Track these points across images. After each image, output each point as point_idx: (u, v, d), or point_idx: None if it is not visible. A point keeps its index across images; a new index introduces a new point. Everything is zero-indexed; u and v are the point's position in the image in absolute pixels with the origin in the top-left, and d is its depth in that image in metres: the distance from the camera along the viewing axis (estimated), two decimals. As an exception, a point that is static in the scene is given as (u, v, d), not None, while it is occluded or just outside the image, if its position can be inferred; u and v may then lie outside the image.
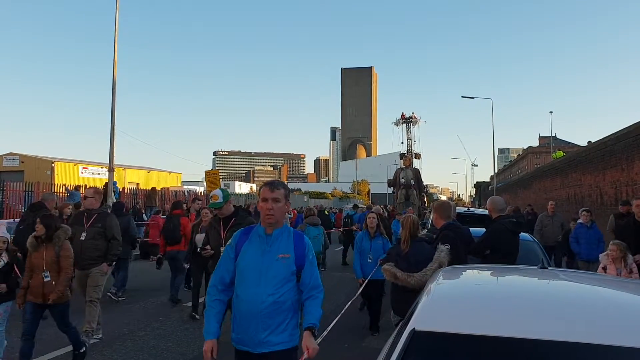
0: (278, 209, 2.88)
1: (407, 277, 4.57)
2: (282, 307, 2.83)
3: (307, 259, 2.92)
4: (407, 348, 1.90)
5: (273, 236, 2.90)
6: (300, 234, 3.02)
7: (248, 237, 2.96)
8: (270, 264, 2.83)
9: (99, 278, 6.28)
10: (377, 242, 7.20)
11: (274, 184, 2.95)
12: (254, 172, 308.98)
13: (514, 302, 2.32)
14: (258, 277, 2.82)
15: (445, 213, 5.24)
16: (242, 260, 2.89)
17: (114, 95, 17.83)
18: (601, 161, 16.65)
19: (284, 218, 2.96)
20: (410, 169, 50.51)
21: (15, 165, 43.81)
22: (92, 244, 6.23)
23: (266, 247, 2.87)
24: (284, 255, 2.86)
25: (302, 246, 2.93)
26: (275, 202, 2.87)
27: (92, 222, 6.31)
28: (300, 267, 2.88)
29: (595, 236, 9.21)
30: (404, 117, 57.41)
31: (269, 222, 2.87)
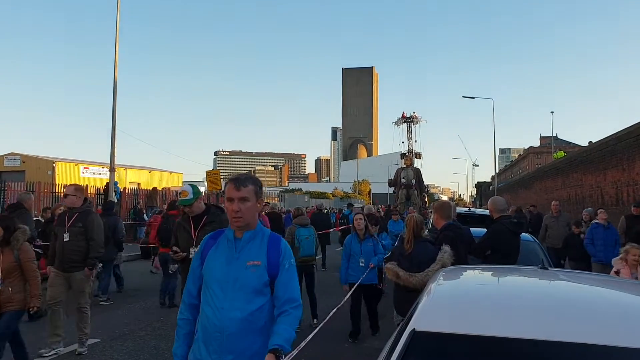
0: (247, 210, 2.44)
1: (409, 276, 4.57)
2: (253, 327, 2.37)
3: (283, 267, 2.47)
4: (407, 348, 1.90)
5: (243, 240, 2.47)
6: (277, 238, 2.57)
7: (216, 242, 2.55)
8: (238, 274, 2.40)
9: (84, 284, 5.97)
10: (368, 244, 6.84)
11: (239, 180, 2.49)
12: (255, 172, 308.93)
13: (514, 302, 2.32)
14: (223, 289, 2.40)
15: (446, 213, 5.24)
16: (207, 270, 2.49)
17: (115, 96, 17.84)
18: (602, 161, 16.65)
19: (255, 219, 2.53)
20: (411, 168, 50.47)
21: (16, 165, 43.85)
22: (74, 245, 5.85)
23: (234, 254, 2.46)
24: (254, 262, 2.43)
25: (276, 252, 2.49)
26: (242, 201, 2.44)
27: (72, 222, 5.90)
28: (273, 276, 2.44)
29: (612, 237, 8.82)
30: (404, 117, 57.47)
31: (237, 226, 2.46)
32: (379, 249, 6.92)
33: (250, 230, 2.50)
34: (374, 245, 6.86)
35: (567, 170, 22.13)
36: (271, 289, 2.44)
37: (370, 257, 6.71)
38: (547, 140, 77.05)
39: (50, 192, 19.60)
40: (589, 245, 8.87)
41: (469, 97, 34.97)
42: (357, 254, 6.76)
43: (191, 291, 2.59)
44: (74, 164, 45.41)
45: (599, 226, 8.90)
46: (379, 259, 6.74)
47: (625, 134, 14.57)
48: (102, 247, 6.12)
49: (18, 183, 20.25)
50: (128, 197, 22.45)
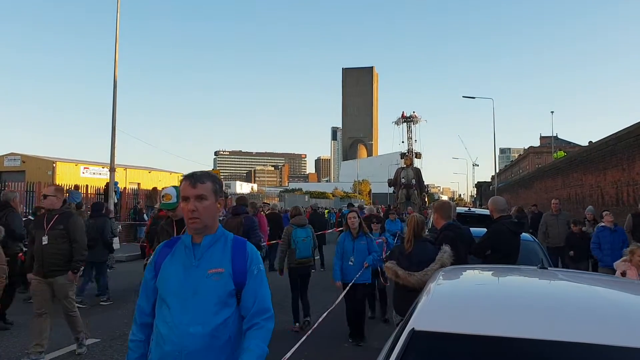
0: (205, 209, 2.17)
1: (407, 275, 4.57)
2: (216, 344, 2.09)
3: (251, 273, 2.20)
4: (406, 348, 1.90)
5: (202, 246, 2.19)
6: (242, 242, 2.30)
7: (172, 250, 2.26)
8: (198, 283, 2.12)
9: (67, 289, 5.70)
10: (361, 242, 6.68)
11: (195, 176, 2.21)
12: (255, 172, 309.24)
13: (514, 302, 2.32)
14: (181, 302, 2.11)
15: (446, 213, 5.25)
16: (162, 281, 2.19)
17: (115, 95, 17.86)
18: (602, 161, 16.66)
19: (216, 220, 2.26)
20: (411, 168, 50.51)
21: (16, 165, 43.85)
22: (55, 248, 5.56)
23: (192, 261, 2.17)
24: (217, 270, 2.15)
25: (242, 256, 2.22)
26: (199, 200, 2.17)
27: (52, 224, 5.59)
28: (240, 285, 2.17)
29: (619, 240, 8.34)
30: (404, 116, 57.51)
31: (194, 228, 2.17)
32: (374, 247, 6.79)
33: (210, 233, 2.22)
34: (368, 243, 6.72)
35: (567, 170, 22.14)
36: (237, 299, 2.18)
37: (362, 256, 6.59)
38: (547, 140, 77.14)
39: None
40: (596, 249, 8.50)
41: (469, 97, 35.04)
42: (348, 253, 6.64)
43: (144, 308, 2.27)
44: (74, 164, 45.41)
45: (605, 229, 8.50)
46: (373, 258, 6.65)
47: (626, 134, 14.58)
48: (85, 249, 5.86)
49: (18, 183, 20.25)
50: (128, 197, 22.48)
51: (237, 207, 7.20)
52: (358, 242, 6.67)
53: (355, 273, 6.48)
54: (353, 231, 6.73)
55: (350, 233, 6.76)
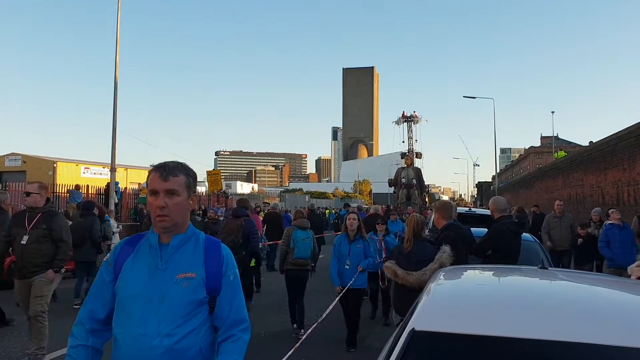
0: (175, 207, 1.91)
1: (406, 275, 4.59)
2: (186, 356, 1.87)
3: (226, 279, 1.97)
4: (406, 348, 1.90)
5: (171, 246, 1.94)
6: (216, 243, 2.06)
7: (134, 249, 2.00)
8: (165, 289, 1.87)
9: (43, 288, 5.31)
10: (357, 246, 6.46)
11: (167, 167, 1.94)
12: (255, 172, 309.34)
13: (514, 302, 2.32)
14: (146, 309, 1.86)
15: (447, 213, 5.25)
16: (123, 285, 1.93)
17: (115, 95, 17.86)
18: (603, 161, 16.66)
19: (187, 219, 2.01)
20: (412, 168, 50.53)
21: (17, 166, 43.89)
22: (36, 248, 5.26)
23: (159, 263, 1.91)
24: (187, 274, 1.90)
25: (217, 260, 1.99)
26: (170, 195, 1.91)
27: (35, 223, 5.29)
28: (213, 292, 1.93)
29: (629, 238, 8.17)
30: (405, 116, 57.55)
31: (163, 227, 1.92)
32: (370, 251, 6.59)
33: (180, 233, 1.97)
34: (365, 247, 6.53)
35: (568, 170, 22.14)
36: (210, 307, 1.95)
37: (358, 260, 6.40)
38: (548, 140, 77.10)
39: (51, 192, 19.61)
40: (604, 248, 8.19)
41: (470, 97, 35.02)
42: (344, 256, 6.44)
43: (97, 313, 1.98)
44: (75, 164, 45.45)
45: (613, 227, 8.20)
46: (368, 262, 6.46)
47: (626, 134, 14.58)
48: (70, 249, 5.59)
49: (19, 183, 20.26)
50: (129, 197, 22.51)
51: (237, 209, 7.24)
52: (354, 245, 6.47)
53: (351, 277, 6.30)
54: (350, 233, 6.52)
55: (347, 235, 6.55)
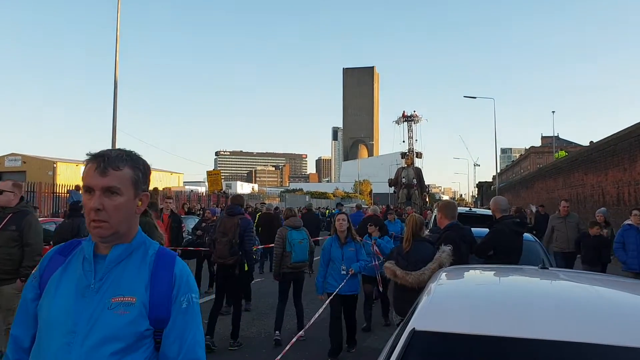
0: (116, 210, 1.48)
1: (405, 274, 4.60)
2: None
3: (177, 306, 1.51)
4: (407, 348, 1.90)
5: (109, 260, 1.50)
6: (169, 257, 1.58)
7: (66, 260, 1.57)
8: (95, 317, 1.43)
9: (13, 299, 4.67)
10: (349, 249, 6.12)
11: (106, 157, 1.49)
12: (255, 172, 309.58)
13: (514, 302, 2.32)
14: (65, 343, 1.42)
15: (450, 213, 5.25)
16: (43, 307, 1.50)
17: (115, 95, 17.88)
18: (603, 161, 16.66)
19: (132, 224, 1.56)
20: (412, 168, 50.45)
21: (17, 166, 43.98)
22: (5, 252, 4.81)
23: (91, 281, 1.47)
24: (125, 298, 1.46)
25: (166, 280, 1.52)
26: (109, 194, 1.47)
27: (4, 224, 4.84)
28: (159, 322, 1.48)
29: None
30: (405, 116, 57.52)
31: (99, 235, 1.48)
32: (362, 254, 6.29)
33: (124, 242, 1.53)
34: (357, 250, 6.21)
35: (569, 170, 22.15)
36: (155, 342, 1.50)
37: (351, 264, 6.07)
38: (549, 140, 77.18)
39: (51, 192, 19.64)
40: (620, 250, 7.72)
41: (470, 97, 35.03)
42: (337, 260, 6.07)
43: (21, 340, 1.56)
44: (75, 164, 45.50)
45: (631, 228, 7.69)
46: (360, 265, 6.18)
47: (627, 134, 14.58)
48: (39, 254, 4.94)
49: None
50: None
51: (232, 207, 6.83)
52: (346, 248, 6.12)
53: (349, 283, 6.00)
54: (341, 235, 6.15)
55: (337, 238, 6.17)
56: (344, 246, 6.14)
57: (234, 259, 6.28)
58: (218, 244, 6.39)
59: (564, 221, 9.47)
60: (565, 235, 9.31)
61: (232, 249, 6.27)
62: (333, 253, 6.12)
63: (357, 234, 6.58)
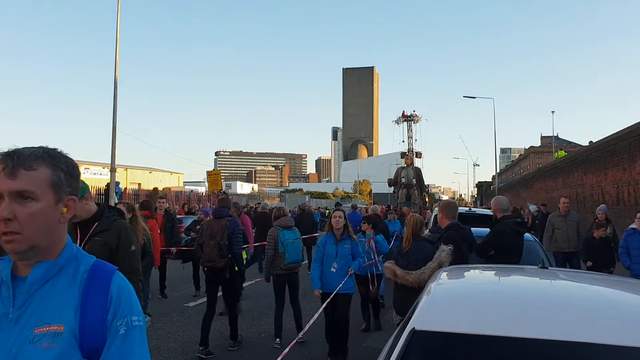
0: (30, 219, 1.22)
1: (405, 274, 4.61)
2: None
3: (114, 334, 1.25)
4: (406, 347, 1.90)
5: (30, 283, 1.25)
6: (104, 273, 1.32)
7: None
8: (15, 352, 1.19)
9: None
10: (345, 246, 5.97)
11: (16, 156, 1.23)
12: (255, 172, 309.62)
13: (514, 301, 2.33)
14: None
15: (451, 213, 5.28)
16: None
17: (115, 96, 17.87)
18: (603, 161, 16.66)
19: (56, 237, 1.30)
20: (412, 167, 50.28)
21: (17, 166, 43.96)
22: None
23: (9, 310, 1.23)
24: (50, 327, 1.21)
25: (100, 302, 1.27)
26: (20, 200, 1.22)
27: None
28: (92, 353, 1.23)
29: None
30: (404, 115, 57.34)
31: (12, 251, 1.23)
32: (359, 252, 6.19)
33: (47, 260, 1.27)
34: (353, 248, 6.07)
35: (568, 170, 22.15)
36: None
37: (346, 262, 5.96)
38: (548, 140, 77.19)
39: None
40: (624, 255, 7.39)
41: (470, 97, 35.08)
42: (330, 258, 5.95)
43: None
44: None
45: (636, 232, 7.34)
46: (359, 263, 6.13)
47: (626, 134, 14.58)
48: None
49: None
50: (129, 198, 22.54)
51: (219, 209, 6.63)
52: (341, 245, 5.99)
53: (337, 281, 5.82)
54: (337, 232, 6.02)
55: (333, 235, 6.04)
56: (339, 243, 5.98)
57: (223, 261, 6.10)
58: (206, 247, 6.17)
59: (564, 220, 9.23)
60: (566, 234, 9.12)
61: (221, 252, 6.08)
62: (327, 250, 5.97)
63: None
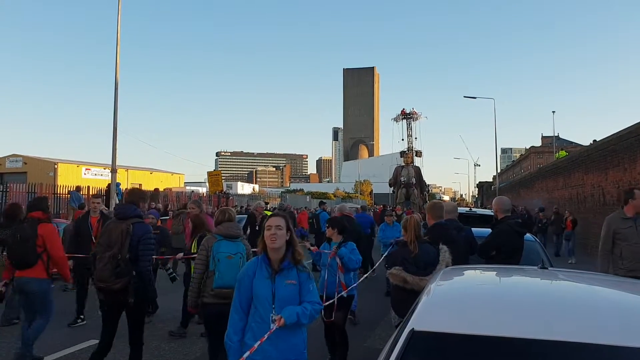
0: None
1: (419, 280, 4.37)
2: None
3: None
4: (406, 348, 1.91)
5: None
6: None
7: None
8: None
9: None
10: (286, 281, 3.14)
11: None
12: (256, 172, 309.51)
13: (513, 302, 2.33)
14: None
15: (436, 214, 5.32)
16: None
17: (116, 96, 17.88)
18: (603, 161, 16.63)
19: None
20: (412, 166, 49.68)
21: (18, 167, 44.05)
22: None
23: None
24: None
25: None
26: None
27: None
28: None
29: None
30: (404, 113, 56.95)
31: None
32: (310, 291, 3.26)
33: None
34: (302, 284, 3.27)
35: (569, 170, 22.10)
36: None
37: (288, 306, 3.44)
38: (549, 140, 77.05)
39: (52, 193, 19.66)
40: None
41: (471, 97, 35.02)
42: (263, 302, 3.25)
43: None
44: (76, 165, 45.62)
45: None
46: (301, 313, 3.09)
47: (627, 134, 14.56)
48: None
49: (20, 184, 20.31)
50: (129, 198, 22.52)
51: (124, 207, 4.84)
52: (280, 280, 3.13)
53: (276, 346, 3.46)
54: (273, 256, 3.16)
55: (266, 260, 3.19)
56: (277, 276, 3.13)
57: (120, 282, 4.43)
58: (98, 261, 4.51)
59: (633, 224, 5.45)
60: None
61: (118, 269, 4.41)
62: (257, 287, 3.13)
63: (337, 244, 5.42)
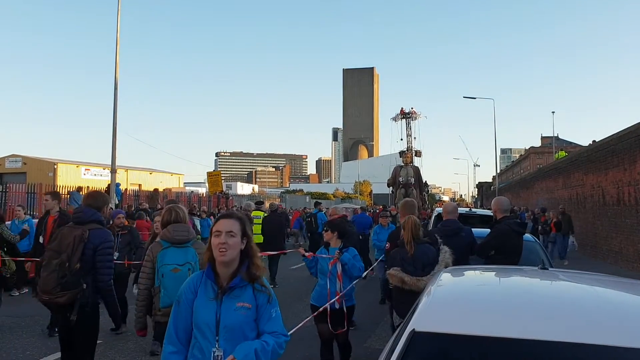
0: None
1: (416, 281, 4.41)
2: None
3: None
4: (406, 349, 1.91)
5: None
6: None
7: None
8: None
9: None
10: (237, 304, 2.85)
11: None
12: (256, 173, 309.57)
13: (514, 302, 2.33)
14: None
15: (408, 211, 5.43)
16: None
17: (116, 97, 17.90)
18: (603, 161, 16.64)
19: None
20: (411, 166, 49.72)
21: (17, 167, 44.02)
22: None
23: None
24: None
25: None
26: None
27: None
28: None
29: None
30: (403, 112, 56.83)
31: None
32: (271, 320, 2.85)
33: None
34: (259, 307, 2.69)
35: (568, 170, 22.11)
36: None
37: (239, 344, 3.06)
38: (549, 140, 77.19)
39: None
40: None
41: (470, 98, 35.16)
42: (204, 330, 2.89)
43: None
44: (76, 166, 45.58)
45: None
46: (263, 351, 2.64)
47: (627, 134, 14.57)
48: None
49: (19, 185, 20.30)
50: (129, 199, 22.53)
51: (82, 210, 4.19)
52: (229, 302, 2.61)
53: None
54: (221, 270, 2.54)
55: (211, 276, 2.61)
56: (224, 296, 2.52)
57: (66, 295, 3.84)
58: (43, 268, 3.98)
59: None
60: None
61: (64, 279, 3.83)
62: (197, 312, 2.53)
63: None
